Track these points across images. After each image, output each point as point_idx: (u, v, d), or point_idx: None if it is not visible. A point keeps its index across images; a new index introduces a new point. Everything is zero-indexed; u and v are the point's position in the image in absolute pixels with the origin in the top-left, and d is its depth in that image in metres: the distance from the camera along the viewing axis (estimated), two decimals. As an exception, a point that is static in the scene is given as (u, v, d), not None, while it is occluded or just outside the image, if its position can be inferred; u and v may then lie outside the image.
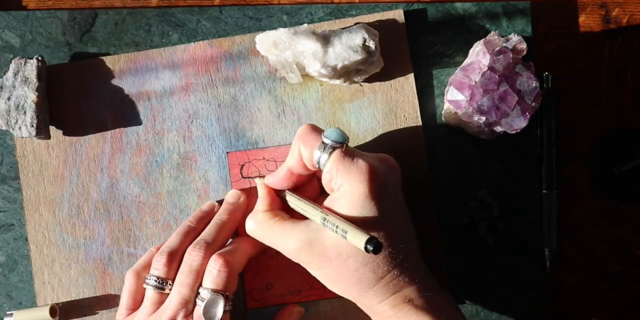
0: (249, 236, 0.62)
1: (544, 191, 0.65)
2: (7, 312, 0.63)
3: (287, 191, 0.60)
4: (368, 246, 0.52)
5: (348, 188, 0.55)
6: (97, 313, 0.64)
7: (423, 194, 0.65)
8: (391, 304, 0.56)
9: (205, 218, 0.63)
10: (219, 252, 0.59)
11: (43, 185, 0.65)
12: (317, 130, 0.57)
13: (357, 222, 0.54)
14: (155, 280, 0.59)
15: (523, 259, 0.65)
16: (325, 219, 0.55)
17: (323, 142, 0.56)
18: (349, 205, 0.55)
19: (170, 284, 0.59)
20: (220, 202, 0.64)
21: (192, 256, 0.59)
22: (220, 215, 0.62)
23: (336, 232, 0.54)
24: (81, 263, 0.65)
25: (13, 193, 0.65)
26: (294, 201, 0.59)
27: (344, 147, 0.56)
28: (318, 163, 0.56)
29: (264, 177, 0.62)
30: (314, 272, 0.58)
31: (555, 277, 0.66)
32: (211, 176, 0.65)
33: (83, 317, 0.65)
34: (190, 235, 0.61)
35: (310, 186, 0.61)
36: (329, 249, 0.55)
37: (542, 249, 0.65)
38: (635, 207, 0.66)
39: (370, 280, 0.55)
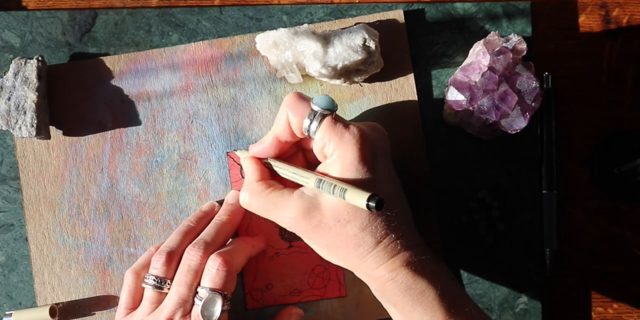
0: (248, 237, 0.62)
1: (544, 191, 0.65)
2: (6, 312, 0.63)
3: (271, 160, 0.59)
4: (370, 203, 0.51)
5: (341, 153, 0.55)
6: (97, 313, 0.64)
7: (423, 194, 0.65)
8: (390, 268, 0.56)
9: (205, 218, 0.63)
10: (218, 251, 0.59)
11: (43, 186, 0.65)
12: (305, 98, 0.57)
13: (352, 183, 0.54)
14: (154, 280, 0.59)
15: (523, 259, 0.65)
16: (322, 180, 0.55)
17: (312, 110, 0.56)
18: (342, 169, 0.55)
19: (169, 284, 0.59)
20: (220, 203, 0.64)
21: (191, 256, 0.59)
22: (220, 215, 0.62)
23: (333, 192, 0.54)
24: (81, 263, 0.65)
25: (13, 193, 0.65)
26: (284, 168, 0.59)
27: (333, 114, 0.56)
28: (308, 131, 0.56)
29: (244, 150, 0.61)
30: (310, 242, 0.58)
31: (555, 277, 0.66)
32: (211, 176, 0.65)
33: (83, 317, 0.65)
34: (190, 235, 0.61)
35: (296, 159, 0.61)
36: (327, 215, 0.55)
37: (542, 249, 0.65)
38: (635, 207, 0.66)
39: (369, 244, 0.56)
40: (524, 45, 0.61)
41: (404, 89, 0.65)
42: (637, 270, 0.66)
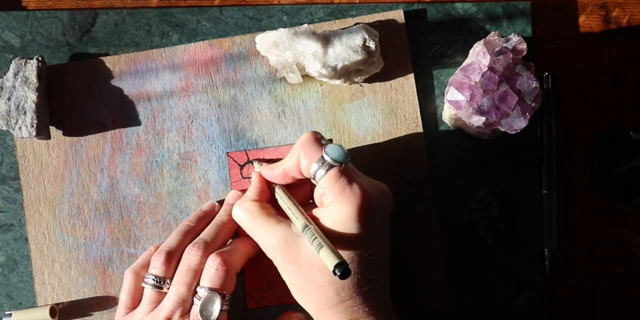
0: (248, 237, 0.62)
1: (544, 191, 0.65)
2: (6, 312, 0.63)
3: (277, 186, 0.60)
4: (336, 270, 0.51)
5: (336, 207, 0.55)
6: (97, 313, 0.64)
7: (423, 194, 0.65)
8: None
9: (205, 218, 0.63)
10: (217, 251, 0.59)
11: (43, 186, 0.65)
12: (319, 141, 0.57)
13: (336, 242, 0.54)
14: (154, 279, 0.59)
15: (523, 259, 0.65)
16: (307, 226, 0.55)
17: (323, 158, 0.56)
18: (333, 222, 0.55)
19: (168, 283, 0.59)
20: (220, 203, 0.64)
21: (191, 255, 0.59)
22: (221, 215, 0.62)
23: (312, 243, 0.54)
24: (81, 263, 0.65)
25: (13, 193, 0.65)
26: (283, 198, 0.59)
27: (342, 166, 0.56)
28: (314, 175, 0.56)
29: (264, 161, 0.61)
30: (283, 274, 0.58)
31: (555, 277, 0.66)
32: (211, 176, 0.65)
33: (83, 317, 0.65)
34: (190, 234, 0.61)
35: (302, 189, 0.61)
36: (302, 256, 0.55)
37: (542, 249, 0.65)
38: (635, 207, 0.66)
39: (332, 301, 0.55)
40: (524, 46, 0.61)
41: (404, 89, 0.65)
42: (637, 270, 0.66)
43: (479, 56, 0.61)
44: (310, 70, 0.62)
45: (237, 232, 0.64)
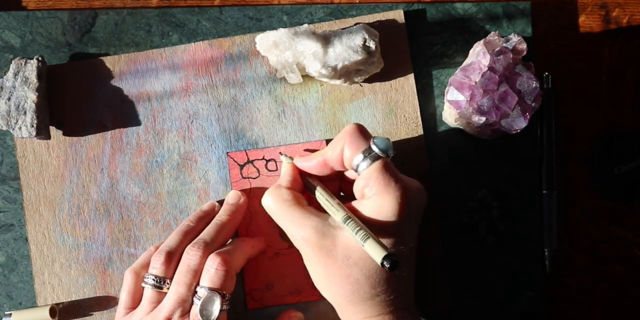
0: (248, 237, 0.62)
1: (544, 191, 0.65)
2: (6, 312, 0.63)
3: (316, 181, 0.59)
4: (385, 262, 0.51)
5: (379, 200, 0.55)
6: (97, 313, 0.64)
7: (423, 194, 0.65)
8: None
9: (205, 218, 0.63)
10: (217, 251, 0.59)
11: (43, 186, 0.65)
12: (366, 133, 0.57)
13: (376, 234, 0.54)
14: (154, 279, 0.59)
15: (523, 259, 0.65)
16: (349, 218, 0.55)
17: (370, 148, 0.56)
18: (375, 215, 0.55)
19: (168, 283, 0.59)
20: (220, 203, 0.64)
21: (190, 255, 0.59)
22: (221, 215, 0.62)
23: (355, 234, 0.53)
24: (81, 263, 0.65)
25: (13, 193, 0.65)
26: (321, 191, 0.58)
27: (388, 158, 0.56)
28: (357, 166, 0.56)
29: (291, 158, 0.61)
30: (311, 267, 0.58)
31: (555, 277, 0.66)
32: (211, 176, 0.65)
33: (83, 317, 0.65)
34: (190, 234, 0.61)
35: (332, 184, 0.61)
36: (339, 249, 0.55)
37: (542, 249, 0.65)
38: (635, 207, 0.66)
39: (366, 294, 0.55)
40: (524, 46, 0.61)
41: (404, 89, 0.65)
42: (637, 270, 0.66)
43: (479, 56, 0.61)
44: (310, 70, 0.62)
45: (237, 232, 0.64)
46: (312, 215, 0.57)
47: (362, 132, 0.57)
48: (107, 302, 0.64)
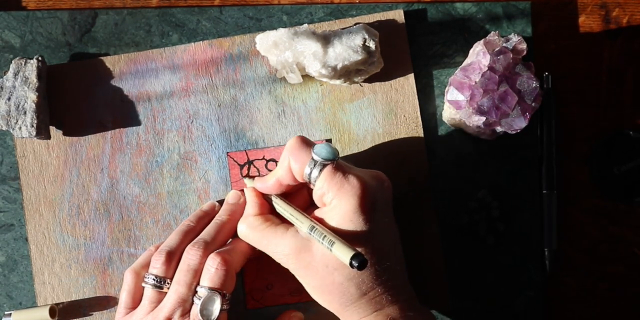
0: None
1: (544, 191, 0.65)
2: (5, 312, 0.63)
3: (273, 196, 0.60)
4: (353, 262, 0.52)
5: (339, 203, 0.55)
6: (97, 313, 0.64)
7: (423, 194, 0.65)
8: None
9: (205, 218, 0.63)
10: (217, 251, 0.59)
11: (43, 186, 0.65)
12: (307, 144, 0.57)
13: (345, 237, 0.54)
14: (154, 279, 0.59)
15: (523, 259, 0.65)
16: (314, 228, 0.55)
17: (313, 159, 0.56)
18: (338, 218, 0.55)
19: (168, 283, 0.59)
20: (220, 202, 0.64)
21: (190, 255, 0.59)
22: (221, 215, 0.62)
23: (322, 243, 0.54)
24: (81, 263, 0.65)
25: (13, 193, 0.65)
26: (282, 206, 0.59)
27: (334, 163, 0.56)
28: (309, 178, 0.56)
29: (253, 177, 0.62)
30: (300, 279, 0.58)
31: (555, 277, 0.66)
32: (211, 176, 0.65)
33: (83, 317, 0.65)
34: (190, 234, 0.61)
35: (300, 195, 0.61)
36: (316, 259, 0.56)
37: (542, 249, 0.65)
38: (635, 207, 0.66)
39: (354, 295, 0.56)
40: (524, 45, 0.61)
41: (404, 89, 0.65)
42: (637, 270, 0.66)
43: (479, 56, 0.61)
44: (310, 70, 0.62)
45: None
46: (286, 232, 0.57)
47: (303, 144, 0.57)
48: (107, 302, 0.64)
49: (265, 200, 0.61)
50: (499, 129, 0.61)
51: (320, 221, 0.56)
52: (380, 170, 0.59)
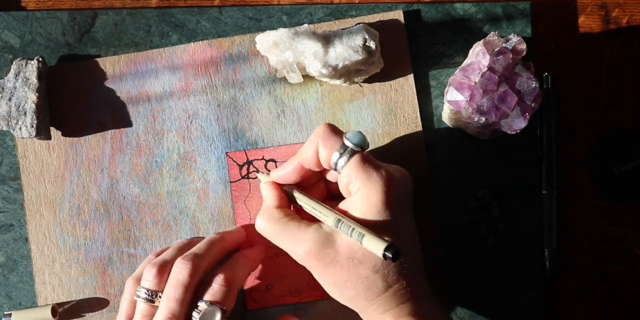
0: (248, 250, 0.62)
1: (544, 191, 0.65)
2: (5, 313, 0.63)
3: (295, 189, 0.59)
4: (387, 253, 0.51)
5: (366, 192, 0.55)
6: (98, 313, 0.65)
7: (423, 194, 0.65)
8: (396, 315, 0.55)
9: (202, 238, 0.62)
10: (221, 267, 0.59)
11: (44, 186, 0.65)
12: (338, 131, 0.57)
13: (372, 228, 0.54)
14: (145, 293, 0.58)
15: (523, 259, 0.65)
16: (340, 220, 0.54)
17: (344, 145, 0.56)
18: (365, 209, 0.55)
19: (159, 297, 0.58)
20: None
21: (179, 268, 0.57)
22: (216, 233, 0.62)
23: (351, 235, 0.53)
24: (81, 263, 0.65)
25: (13, 193, 0.65)
26: (304, 200, 0.58)
27: (364, 151, 0.56)
28: (335, 164, 0.56)
29: (266, 172, 0.61)
30: (320, 278, 0.57)
31: (555, 277, 0.66)
32: (211, 176, 0.65)
33: (83, 317, 0.65)
34: (185, 249, 0.61)
35: (317, 188, 0.61)
36: (341, 253, 0.55)
37: (542, 249, 0.65)
38: (635, 207, 0.66)
39: (379, 288, 0.55)
40: (523, 46, 0.61)
41: (404, 89, 0.65)
42: (637, 270, 0.66)
43: (478, 56, 0.61)
44: (310, 70, 0.62)
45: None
46: (308, 228, 0.56)
47: (334, 131, 0.57)
48: (107, 303, 0.65)
49: (284, 193, 0.59)
50: (499, 129, 0.61)
51: (345, 213, 0.56)
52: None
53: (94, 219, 0.65)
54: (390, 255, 0.51)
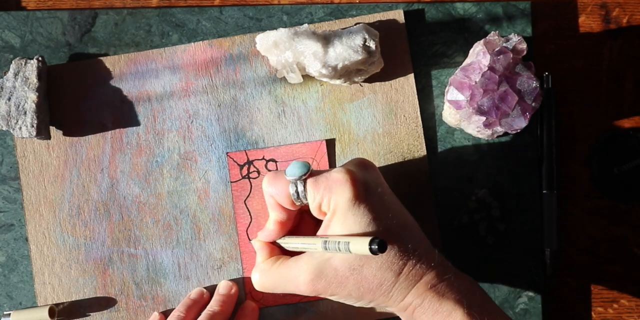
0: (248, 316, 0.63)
1: (544, 191, 0.65)
2: (5, 312, 0.63)
3: (278, 240, 0.60)
4: (372, 247, 0.51)
5: (335, 201, 0.55)
6: (97, 313, 0.64)
7: (423, 194, 0.65)
8: (416, 294, 0.55)
9: (194, 307, 0.62)
10: None
11: (43, 186, 0.65)
12: (277, 174, 0.58)
13: (355, 228, 0.54)
14: None
15: (523, 259, 0.65)
16: (326, 241, 0.55)
17: (291, 182, 0.56)
18: (341, 215, 0.55)
19: None
20: (209, 290, 0.64)
21: None
22: (212, 306, 0.62)
23: (339, 249, 0.53)
24: (81, 263, 0.65)
25: (13, 193, 0.65)
26: (290, 242, 0.59)
27: (309, 173, 0.56)
28: (299, 200, 0.57)
29: (256, 240, 0.62)
30: (335, 297, 0.57)
31: (555, 277, 0.66)
32: (211, 176, 0.65)
33: (83, 318, 0.65)
34: (194, 307, 0.62)
35: (304, 223, 0.61)
36: (340, 267, 0.55)
37: (542, 249, 0.65)
38: (635, 207, 0.66)
39: (391, 279, 0.55)
40: (524, 45, 0.61)
41: (404, 89, 0.65)
42: (637, 270, 0.66)
43: (479, 56, 0.61)
44: (310, 70, 0.62)
45: (238, 239, 0.64)
46: (300, 261, 0.57)
47: (274, 176, 0.58)
48: (107, 303, 0.64)
49: (273, 246, 0.61)
50: (499, 129, 0.61)
51: (328, 232, 0.56)
52: (380, 170, 0.59)
53: (94, 219, 0.65)
54: (376, 248, 0.51)
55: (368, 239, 0.52)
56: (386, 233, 0.55)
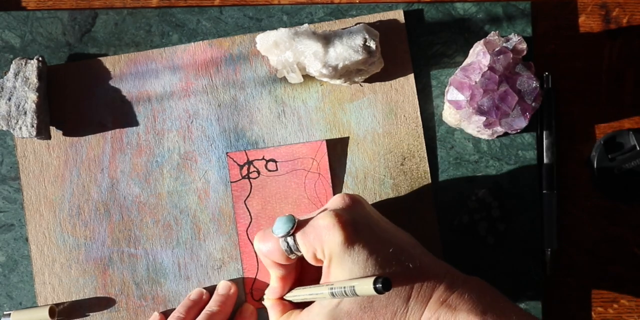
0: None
1: (544, 191, 0.65)
2: (5, 312, 0.63)
3: (286, 296, 0.61)
4: (377, 286, 0.51)
5: (327, 248, 0.55)
6: (97, 313, 0.64)
7: (423, 194, 0.65)
8: (430, 313, 0.55)
9: (194, 308, 0.63)
10: None
11: (44, 186, 0.65)
12: (266, 233, 0.58)
13: (355, 269, 0.54)
14: None
15: (523, 259, 0.65)
16: (332, 288, 0.54)
17: (280, 239, 0.56)
18: (338, 260, 0.54)
19: None
20: (209, 291, 0.64)
21: None
22: (211, 307, 0.62)
23: (346, 294, 0.53)
24: (82, 263, 0.65)
25: (13, 193, 0.65)
26: (299, 295, 0.59)
27: (295, 227, 0.56)
28: (292, 253, 0.57)
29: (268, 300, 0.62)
30: None
31: (555, 277, 0.66)
32: (211, 176, 0.65)
33: (83, 318, 0.65)
34: (194, 308, 0.62)
35: (307, 271, 0.61)
36: (352, 310, 0.55)
37: (542, 249, 0.65)
38: (635, 207, 0.66)
39: (402, 305, 0.55)
40: (524, 45, 0.61)
41: (404, 89, 0.65)
42: (637, 270, 0.66)
43: (479, 56, 0.61)
44: (310, 70, 0.62)
45: (238, 244, 0.64)
46: (311, 314, 0.57)
47: (263, 236, 0.58)
48: (107, 303, 0.64)
49: (283, 302, 0.61)
50: (499, 129, 0.61)
51: (331, 278, 0.56)
52: (380, 170, 0.58)
53: (94, 219, 0.65)
54: (381, 286, 0.51)
55: (372, 279, 0.51)
56: (386, 263, 0.54)
